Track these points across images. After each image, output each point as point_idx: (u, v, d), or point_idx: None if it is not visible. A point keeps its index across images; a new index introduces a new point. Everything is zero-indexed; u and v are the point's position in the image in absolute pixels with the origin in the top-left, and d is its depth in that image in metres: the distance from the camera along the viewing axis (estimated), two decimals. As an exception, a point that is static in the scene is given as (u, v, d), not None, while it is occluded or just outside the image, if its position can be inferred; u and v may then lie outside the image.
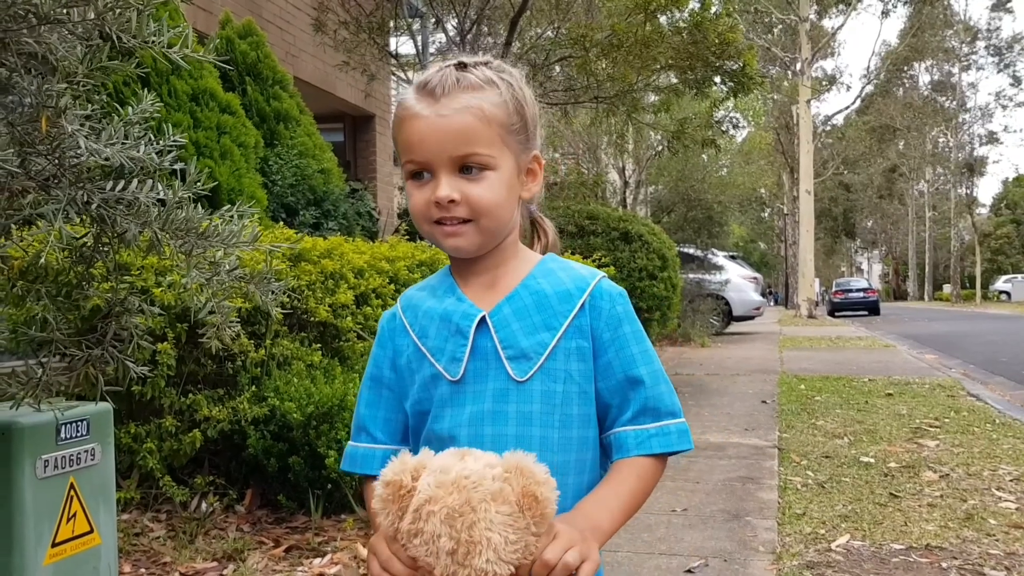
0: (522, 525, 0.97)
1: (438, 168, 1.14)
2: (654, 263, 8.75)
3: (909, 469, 4.64)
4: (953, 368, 10.39)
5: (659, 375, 1.20)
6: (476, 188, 1.14)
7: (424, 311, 1.23)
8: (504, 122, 1.16)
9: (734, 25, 8.34)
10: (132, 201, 1.62)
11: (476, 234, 1.16)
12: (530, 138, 1.21)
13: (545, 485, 0.98)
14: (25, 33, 1.50)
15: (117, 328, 1.87)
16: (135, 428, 3.43)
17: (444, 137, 1.13)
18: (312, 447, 3.44)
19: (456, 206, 1.14)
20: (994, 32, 46.36)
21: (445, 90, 1.14)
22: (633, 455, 1.16)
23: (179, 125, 4.83)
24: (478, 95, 1.15)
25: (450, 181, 1.14)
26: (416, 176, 1.17)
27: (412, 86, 1.19)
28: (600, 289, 1.21)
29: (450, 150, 1.13)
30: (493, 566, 0.96)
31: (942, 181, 53.68)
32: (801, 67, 26.67)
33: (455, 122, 1.13)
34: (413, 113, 1.15)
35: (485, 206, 1.15)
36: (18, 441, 1.88)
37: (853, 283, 38.39)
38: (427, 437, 1.19)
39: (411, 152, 1.15)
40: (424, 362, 1.20)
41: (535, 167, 1.23)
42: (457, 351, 1.17)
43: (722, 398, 7.64)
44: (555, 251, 1.31)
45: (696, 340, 14.20)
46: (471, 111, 1.13)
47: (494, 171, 1.15)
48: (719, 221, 17.95)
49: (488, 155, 1.14)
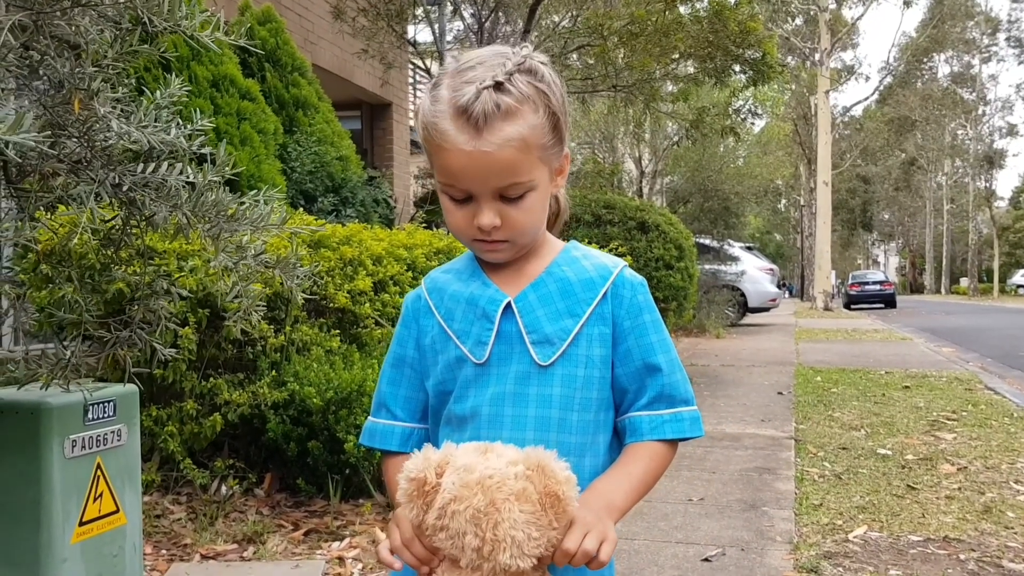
0: (544, 522, 1.01)
1: (480, 197, 1.16)
2: (671, 253, 8.72)
3: (926, 461, 4.62)
4: (970, 362, 10.33)
5: (675, 363, 1.23)
6: (516, 212, 1.16)
7: (450, 294, 1.26)
8: (542, 143, 1.16)
9: (754, 14, 8.28)
10: (161, 184, 1.63)
11: (514, 248, 1.21)
12: (563, 144, 1.22)
13: (566, 484, 1.02)
14: (58, 16, 1.51)
15: (144, 311, 1.89)
16: (156, 411, 3.46)
17: (488, 172, 1.13)
18: (331, 432, 3.46)
19: (497, 231, 1.17)
20: (1015, 24, 45.93)
21: (487, 120, 1.11)
22: (647, 439, 1.20)
23: (201, 111, 4.85)
24: (517, 124, 1.13)
25: (491, 207, 1.15)
26: (456, 197, 1.18)
27: (447, 104, 1.14)
28: (622, 278, 1.23)
29: (493, 183, 1.14)
30: (517, 560, 1.00)
31: (960, 174, 53.27)
32: (820, 57, 26.50)
33: (498, 158, 1.12)
34: (455, 146, 1.12)
35: (523, 227, 1.18)
36: (47, 421, 1.90)
37: (869, 276, 38.15)
38: (447, 417, 1.23)
39: (452, 178, 1.16)
40: (449, 344, 1.22)
41: (564, 164, 1.25)
42: (483, 335, 1.20)
43: (738, 389, 7.62)
44: (564, 217, 1.34)
45: (711, 331, 14.17)
46: (512, 145, 1.12)
47: (534, 191, 1.17)
48: (735, 212, 17.87)
49: (529, 180, 1.16)
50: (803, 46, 29.94)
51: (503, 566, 1.00)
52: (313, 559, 3.01)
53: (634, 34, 7.80)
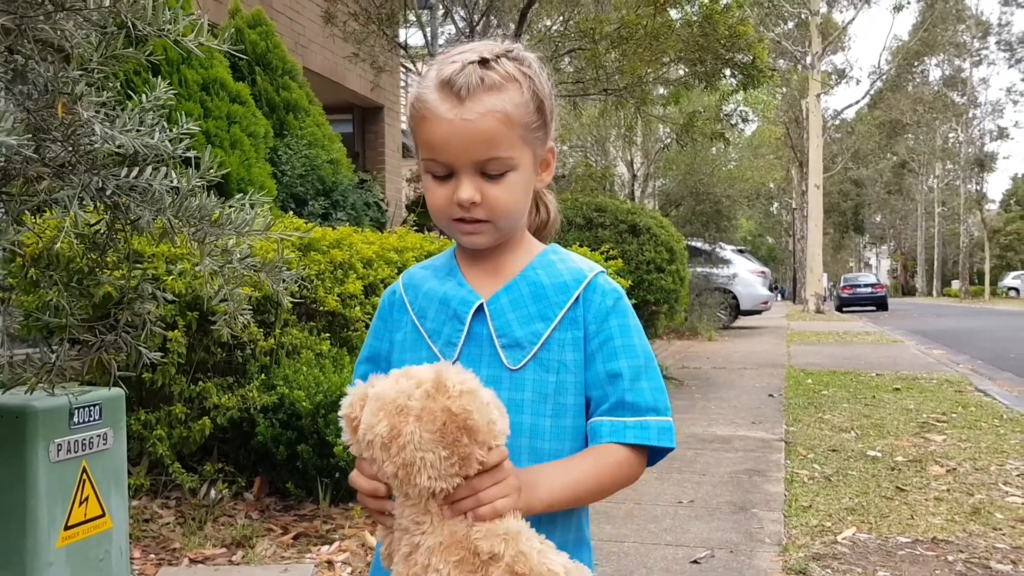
0: (451, 440, 0.99)
1: (460, 169, 1.15)
2: (662, 256, 8.74)
3: (916, 463, 4.64)
4: (961, 364, 10.36)
5: (640, 370, 1.18)
6: (496, 190, 1.15)
7: (424, 292, 1.26)
8: (525, 122, 1.16)
9: (744, 17, 8.31)
10: (146, 188, 1.63)
11: (494, 231, 1.19)
12: (548, 132, 1.22)
13: (460, 397, 0.99)
14: (41, 20, 1.51)
15: (130, 315, 1.89)
16: (145, 415, 3.46)
17: (468, 141, 1.12)
18: (320, 435, 3.45)
19: (476, 207, 1.15)
20: (1005, 27, 46.19)
21: (469, 91, 1.12)
22: (603, 442, 1.16)
23: (190, 115, 4.82)
24: (501, 96, 1.14)
25: (472, 182, 1.15)
26: (437, 175, 1.17)
27: (433, 79, 1.16)
28: (595, 283, 1.21)
29: (473, 154, 1.13)
30: (436, 482, 0.99)
31: (952, 176, 53.49)
32: (811, 61, 26.59)
33: (479, 127, 1.12)
34: (437, 114, 1.13)
35: (504, 207, 1.17)
36: (32, 425, 1.90)
37: (861, 278, 38.26)
38: None
39: (433, 152, 1.15)
40: (421, 342, 1.22)
41: (549, 157, 1.24)
42: (453, 335, 1.20)
43: (729, 391, 7.64)
44: (554, 229, 1.32)
45: (703, 334, 14.20)
46: (495, 115, 1.13)
47: (514, 171, 1.16)
48: (727, 215, 17.91)
49: (509, 157, 1.15)
50: (794, 49, 30.03)
51: (427, 489, 1.00)
52: (302, 563, 3.01)
53: (624, 38, 7.82)
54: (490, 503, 1.01)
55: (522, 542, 1.01)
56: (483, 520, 1.01)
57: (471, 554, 1.01)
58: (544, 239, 1.31)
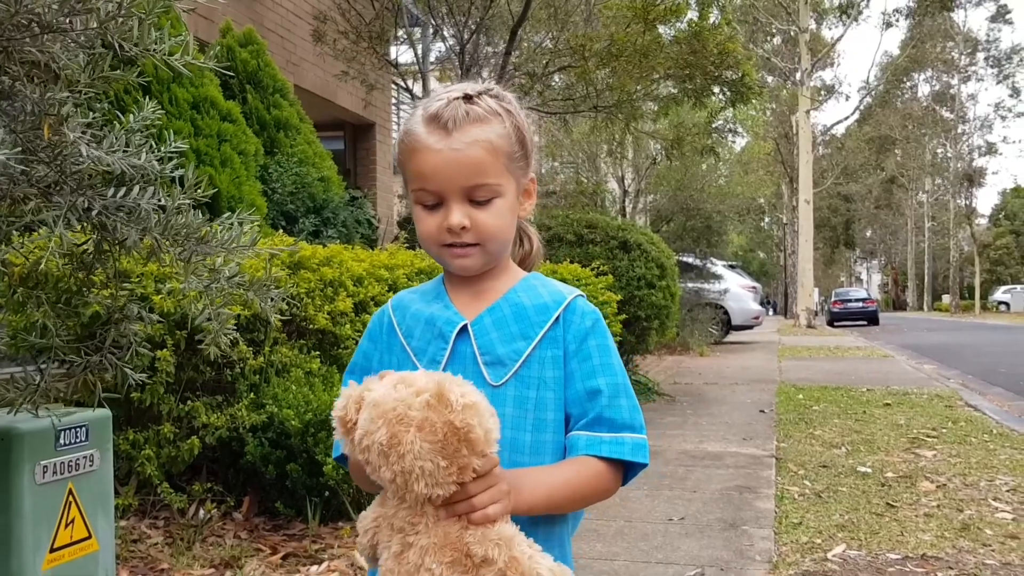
0: (451, 450, 1.01)
1: (449, 197, 1.21)
2: (653, 272, 8.74)
3: (906, 479, 4.64)
4: (951, 378, 10.39)
5: (619, 388, 1.24)
6: (484, 215, 1.22)
7: (412, 313, 1.31)
8: (508, 152, 1.24)
9: (733, 35, 8.38)
10: (133, 208, 1.63)
11: (483, 255, 1.25)
12: (528, 164, 1.29)
13: (463, 412, 1.01)
14: (28, 42, 1.52)
15: (116, 335, 1.88)
16: (133, 435, 3.44)
17: (457, 170, 1.20)
18: (310, 454, 3.44)
19: (466, 232, 1.22)
20: (993, 43, 46.51)
21: (456, 123, 1.20)
22: (581, 454, 1.21)
23: (180, 133, 4.81)
24: (485, 128, 1.21)
25: (461, 208, 1.21)
26: (427, 205, 1.24)
27: (420, 116, 1.23)
28: (574, 305, 1.27)
29: (461, 181, 1.20)
30: (434, 489, 1.02)
31: (941, 191, 53.77)
32: (801, 77, 26.76)
33: (467, 156, 1.20)
34: (425, 145, 1.21)
35: (492, 232, 1.23)
36: (17, 447, 1.89)
37: (852, 293, 38.41)
38: None
39: (423, 182, 1.22)
40: (406, 361, 1.27)
41: (530, 187, 1.32)
42: (437, 353, 1.25)
43: (720, 407, 7.64)
44: (538, 259, 1.39)
45: (695, 349, 14.20)
46: (480, 144, 1.20)
47: (500, 198, 1.24)
48: (718, 230, 17.95)
49: (496, 184, 1.23)
50: (783, 65, 30.23)
51: (420, 495, 1.02)
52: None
53: (614, 55, 7.87)
54: (483, 509, 1.06)
55: (515, 547, 1.04)
56: (476, 526, 1.05)
57: (464, 556, 1.04)
58: (528, 269, 1.37)
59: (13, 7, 1.51)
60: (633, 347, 8.59)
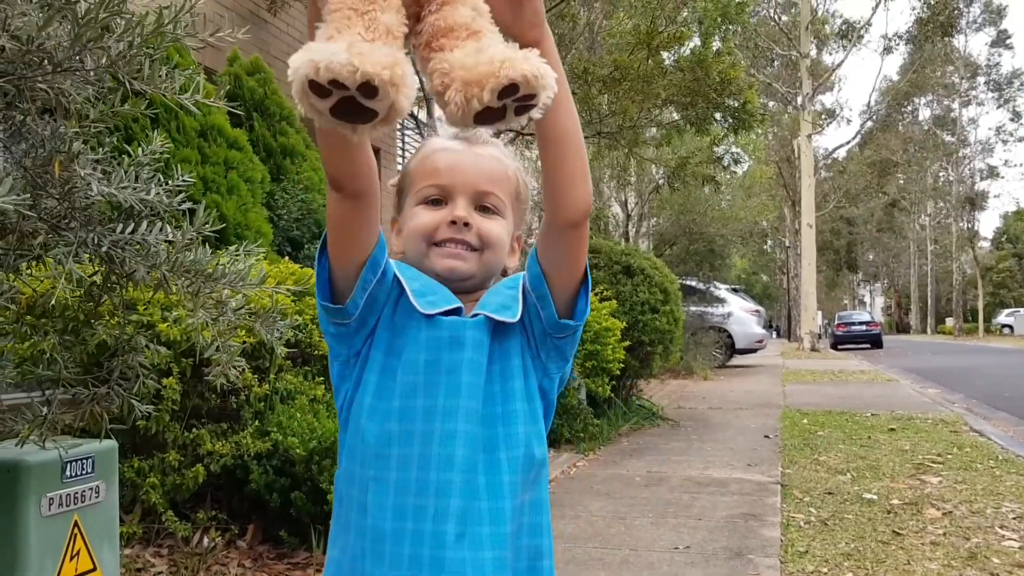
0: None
1: (458, 196, 1.23)
2: (656, 297, 8.75)
3: (912, 506, 4.62)
4: (956, 403, 10.36)
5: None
6: (487, 222, 1.24)
7: (412, 273, 1.24)
8: (514, 188, 1.29)
9: (735, 62, 8.43)
10: (142, 242, 1.64)
11: (476, 263, 1.24)
12: (523, 217, 1.33)
13: None
14: (39, 80, 1.54)
15: (123, 367, 1.89)
16: (139, 462, 3.44)
17: (475, 170, 1.24)
18: (315, 482, 3.44)
19: (469, 231, 1.22)
20: (994, 68, 46.75)
21: (480, 139, 1.27)
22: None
23: (187, 161, 4.88)
24: (503, 155, 1.28)
25: (468, 207, 1.23)
26: (432, 201, 1.24)
27: (443, 131, 1.29)
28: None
29: (477, 182, 1.23)
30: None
31: (943, 215, 53.83)
32: (802, 102, 26.88)
33: (487, 161, 1.25)
34: (448, 147, 1.26)
35: (494, 239, 1.24)
36: (24, 479, 1.90)
37: (856, 316, 38.32)
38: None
39: (437, 177, 1.24)
40: (408, 306, 1.20)
41: (518, 242, 1.34)
42: (439, 301, 1.19)
43: (725, 432, 7.61)
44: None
45: (699, 373, 14.18)
46: (498, 160, 1.26)
47: (503, 218, 1.26)
48: (721, 254, 18.00)
49: (503, 201, 1.26)
50: (785, 90, 30.38)
51: None
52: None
53: (617, 80, 7.92)
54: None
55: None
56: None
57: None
58: None
59: (25, 45, 1.53)
60: (637, 372, 8.58)
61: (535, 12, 1.02)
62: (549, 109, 1.01)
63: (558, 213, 1.15)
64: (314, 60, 0.79)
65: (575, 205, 1.14)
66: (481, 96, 0.85)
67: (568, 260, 1.19)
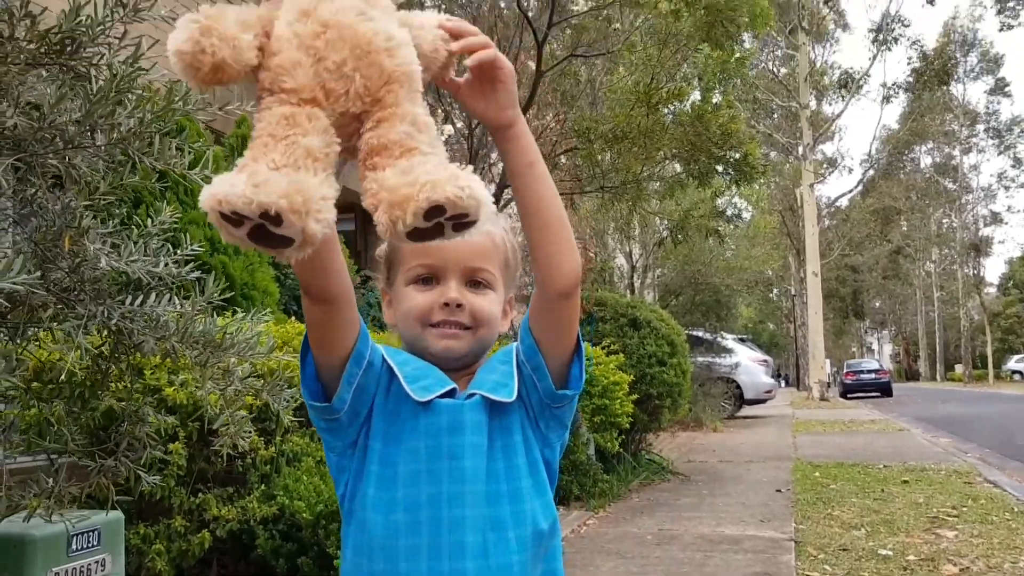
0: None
1: (449, 275, 1.22)
2: (663, 349, 8.73)
3: (928, 562, 4.54)
4: (969, 452, 10.24)
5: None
6: (480, 299, 1.23)
7: (403, 358, 1.25)
8: (504, 256, 1.28)
9: (735, 116, 8.51)
10: (150, 314, 1.65)
11: (471, 340, 1.24)
12: (513, 281, 1.32)
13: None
14: (51, 156, 1.56)
15: (130, 437, 1.89)
16: (144, 529, 3.40)
17: (463, 249, 1.21)
18: (321, 547, 3.40)
19: (462, 312, 1.21)
20: (993, 115, 47.11)
21: None
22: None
23: (196, 223, 4.91)
24: (491, 224, 1.24)
25: (459, 287, 1.23)
26: (423, 280, 1.24)
27: None
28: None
29: (466, 261, 1.22)
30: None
31: (948, 261, 53.84)
32: (803, 152, 27.10)
33: (475, 239, 1.19)
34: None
35: (486, 317, 1.24)
36: (31, 554, 1.88)
37: (864, 364, 38.12)
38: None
39: (426, 257, 1.23)
40: (400, 392, 1.20)
41: (509, 306, 1.34)
42: (435, 385, 1.19)
43: (737, 486, 7.53)
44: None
45: (708, 424, 14.06)
46: (486, 234, 1.24)
47: (494, 291, 1.26)
48: (727, 304, 17.97)
49: (493, 275, 1.25)
50: (786, 141, 30.64)
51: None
52: None
53: (619, 137, 8.00)
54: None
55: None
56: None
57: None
58: None
59: (37, 123, 1.56)
60: (646, 425, 8.52)
61: (508, 94, 1.08)
62: (527, 188, 1.05)
63: (548, 285, 1.17)
64: (215, 194, 0.82)
65: (564, 275, 1.16)
66: (404, 219, 0.86)
67: (561, 329, 1.20)
